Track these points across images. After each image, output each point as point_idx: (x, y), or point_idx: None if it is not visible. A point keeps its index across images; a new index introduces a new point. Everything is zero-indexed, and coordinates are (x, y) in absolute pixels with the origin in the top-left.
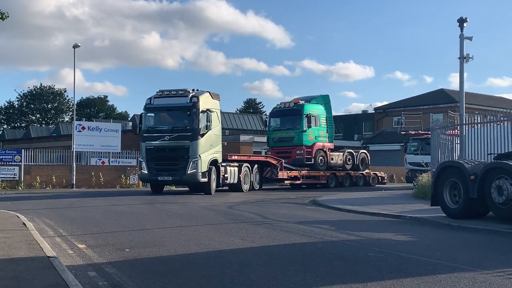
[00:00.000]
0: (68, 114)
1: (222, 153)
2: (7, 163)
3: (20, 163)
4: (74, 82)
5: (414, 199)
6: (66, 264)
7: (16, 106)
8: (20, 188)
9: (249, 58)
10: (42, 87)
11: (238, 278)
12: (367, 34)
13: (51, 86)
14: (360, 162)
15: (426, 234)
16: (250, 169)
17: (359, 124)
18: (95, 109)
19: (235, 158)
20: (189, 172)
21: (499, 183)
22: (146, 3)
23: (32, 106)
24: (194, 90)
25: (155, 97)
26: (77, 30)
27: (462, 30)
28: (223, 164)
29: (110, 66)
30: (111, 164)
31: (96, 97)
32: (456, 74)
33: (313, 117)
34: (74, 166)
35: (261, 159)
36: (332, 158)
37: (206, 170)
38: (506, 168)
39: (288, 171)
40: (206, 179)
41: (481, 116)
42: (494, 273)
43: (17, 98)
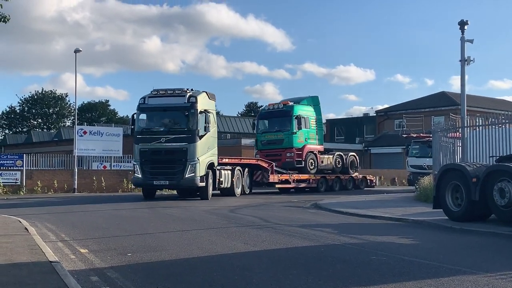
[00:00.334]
0: (69, 119)
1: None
2: (9, 168)
3: (21, 168)
4: (76, 87)
5: (416, 202)
6: (68, 269)
7: (17, 111)
8: (22, 193)
9: (249, 62)
10: (43, 92)
11: (241, 282)
12: (368, 37)
13: (53, 91)
14: (349, 165)
15: (428, 237)
16: (241, 172)
17: (361, 127)
18: (97, 113)
19: (226, 161)
20: (187, 176)
21: (501, 186)
22: (146, 8)
23: (33, 111)
24: (190, 89)
25: (150, 96)
26: (78, 34)
27: (463, 32)
28: (218, 167)
29: (111, 70)
30: (113, 168)
31: (97, 101)
32: (457, 77)
33: (303, 118)
34: (76, 170)
35: (252, 162)
36: (322, 161)
37: (204, 174)
38: (508, 170)
39: (279, 175)
40: (204, 184)
41: (482, 118)
42: (496, 275)
43: (18, 103)
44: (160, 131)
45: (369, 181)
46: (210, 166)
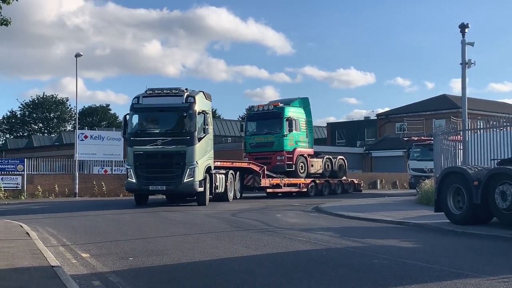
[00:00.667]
0: (70, 123)
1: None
2: (10, 173)
3: (22, 173)
4: (77, 91)
5: (418, 205)
6: (70, 273)
7: (18, 116)
8: (22, 197)
9: (250, 65)
10: (44, 96)
11: (243, 286)
12: (368, 40)
13: (54, 95)
14: (338, 169)
15: (430, 240)
16: (233, 176)
17: (362, 130)
18: (97, 117)
19: (219, 164)
20: (185, 180)
21: (503, 189)
22: (146, 12)
23: (34, 115)
24: (186, 89)
25: (144, 96)
26: (78, 39)
27: (463, 35)
28: (213, 171)
29: (111, 74)
30: (114, 172)
31: (98, 105)
32: (457, 80)
33: (293, 120)
34: (77, 175)
35: (244, 166)
36: (312, 165)
37: (202, 178)
38: (510, 173)
39: (270, 179)
40: (202, 189)
41: (483, 121)
42: (499, 279)
43: (19, 107)
44: (156, 133)
45: (356, 185)
46: (207, 170)
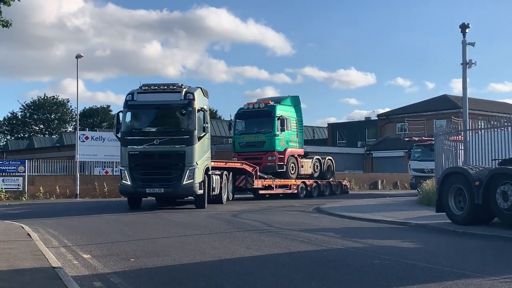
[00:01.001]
0: (71, 124)
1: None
2: (11, 174)
3: (23, 174)
4: (77, 92)
5: (419, 206)
6: (72, 274)
7: (19, 117)
8: (24, 198)
9: (250, 66)
10: (45, 98)
11: (244, 287)
12: (368, 41)
13: (55, 97)
14: (326, 170)
15: (431, 240)
16: (227, 177)
17: (362, 131)
18: (98, 119)
19: (212, 164)
20: (185, 182)
21: (504, 189)
22: (146, 13)
23: (35, 116)
24: (182, 85)
25: (139, 92)
26: (78, 40)
27: (464, 36)
28: (209, 172)
29: (111, 75)
30: (115, 173)
31: (99, 107)
32: (457, 80)
33: (285, 119)
34: (78, 176)
35: (237, 166)
36: (302, 166)
37: (202, 180)
38: (511, 173)
39: (262, 180)
40: (202, 191)
41: (484, 121)
42: (500, 279)
43: (20, 108)
44: (152, 132)
45: (344, 186)
46: (206, 171)
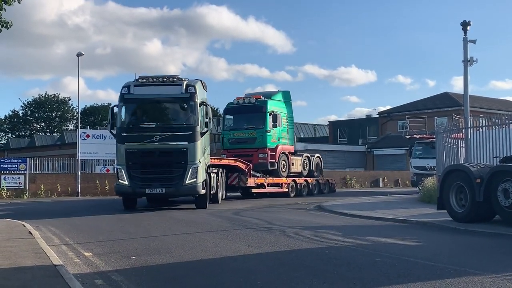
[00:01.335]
0: (72, 122)
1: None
2: (12, 172)
3: (25, 172)
4: (78, 90)
5: (420, 203)
6: (73, 272)
7: (20, 115)
8: (25, 196)
9: (250, 64)
10: (46, 96)
11: (245, 285)
12: (368, 38)
13: (56, 95)
14: (315, 168)
15: (432, 238)
16: (222, 175)
17: (364, 128)
18: (99, 117)
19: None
20: (187, 182)
21: (505, 186)
22: (146, 10)
23: (36, 114)
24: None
25: (136, 85)
26: (78, 38)
27: (465, 33)
28: (209, 170)
29: (112, 73)
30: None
31: (99, 104)
32: (458, 77)
33: (277, 115)
34: (79, 174)
35: (230, 163)
36: (292, 163)
37: (204, 178)
38: None
39: (255, 178)
40: (204, 190)
41: (486, 119)
42: (502, 276)
43: (21, 107)
44: (152, 128)
45: (331, 184)
46: (206, 169)
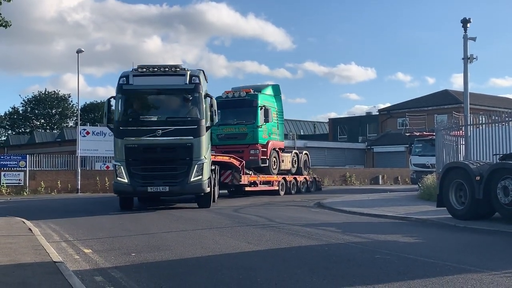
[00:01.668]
0: (72, 119)
1: None
2: (12, 169)
3: (25, 169)
4: (78, 87)
5: (420, 201)
6: (73, 269)
7: (20, 112)
8: (25, 193)
9: (250, 61)
10: (46, 93)
11: (245, 282)
12: (368, 36)
13: (56, 92)
14: (303, 165)
15: (432, 235)
16: (216, 172)
17: (363, 126)
18: (99, 113)
19: None
20: (192, 179)
21: (505, 184)
22: (146, 7)
23: (36, 111)
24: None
25: (135, 75)
26: (78, 35)
27: (465, 30)
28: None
29: (112, 70)
30: None
31: (99, 101)
32: (458, 75)
33: (268, 109)
34: (79, 171)
35: (225, 160)
36: (282, 160)
37: (209, 175)
38: None
39: (248, 176)
40: (209, 188)
41: (485, 116)
42: (501, 274)
43: (21, 103)
44: (153, 121)
45: (318, 182)
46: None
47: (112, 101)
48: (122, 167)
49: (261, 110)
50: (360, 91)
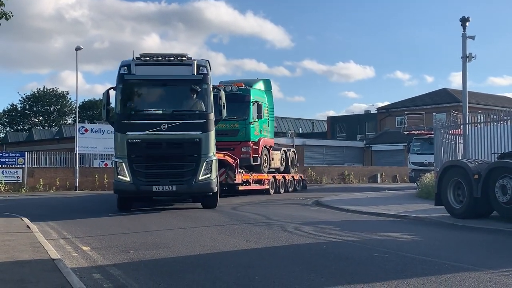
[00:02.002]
0: (70, 117)
1: None
2: (10, 166)
3: (23, 166)
4: (77, 84)
5: (418, 199)
6: (71, 266)
7: (18, 109)
8: (23, 190)
9: (249, 59)
10: (45, 90)
11: (243, 279)
12: (367, 34)
13: (54, 89)
14: (290, 163)
15: (430, 234)
16: None
17: (362, 124)
18: (97, 111)
19: None
20: (201, 178)
21: (503, 182)
22: (145, 5)
23: (35, 108)
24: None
25: (137, 64)
26: (76, 32)
27: (464, 29)
28: None
29: (110, 68)
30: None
31: (98, 99)
32: (456, 73)
33: (260, 105)
34: (77, 168)
35: (220, 158)
36: (272, 158)
37: (217, 174)
38: (510, 167)
39: (241, 174)
40: (217, 188)
41: (484, 115)
42: (499, 272)
43: (20, 100)
44: (158, 115)
45: (303, 181)
46: None
47: (112, 92)
48: (124, 164)
49: (253, 105)
50: (358, 90)
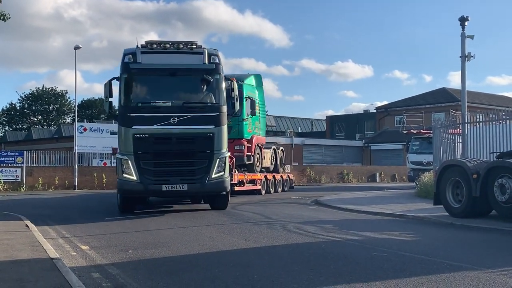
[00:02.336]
0: (69, 116)
1: None
2: (9, 165)
3: (22, 165)
4: (76, 84)
5: (417, 198)
6: (70, 265)
7: (17, 108)
8: (22, 190)
9: (247, 58)
10: (43, 89)
11: (242, 279)
12: (365, 33)
13: (53, 88)
14: (279, 162)
15: (429, 233)
16: None
17: (361, 123)
18: (97, 110)
19: None
20: (214, 176)
21: (502, 182)
22: (143, 4)
23: (33, 107)
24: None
25: (143, 52)
26: (75, 31)
27: (463, 28)
28: None
29: (109, 67)
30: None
31: (97, 98)
32: (454, 73)
33: (254, 101)
34: (76, 167)
35: None
36: (264, 157)
37: (229, 172)
38: (509, 166)
39: (237, 174)
40: (229, 188)
41: (483, 114)
42: (497, 271)
43: (18, 99)
44: (167, 107)
45: (291, 180)
46: None
47: (115, 82)
48: (130, 162)
49: (246, 101)
50: (357, 89)
